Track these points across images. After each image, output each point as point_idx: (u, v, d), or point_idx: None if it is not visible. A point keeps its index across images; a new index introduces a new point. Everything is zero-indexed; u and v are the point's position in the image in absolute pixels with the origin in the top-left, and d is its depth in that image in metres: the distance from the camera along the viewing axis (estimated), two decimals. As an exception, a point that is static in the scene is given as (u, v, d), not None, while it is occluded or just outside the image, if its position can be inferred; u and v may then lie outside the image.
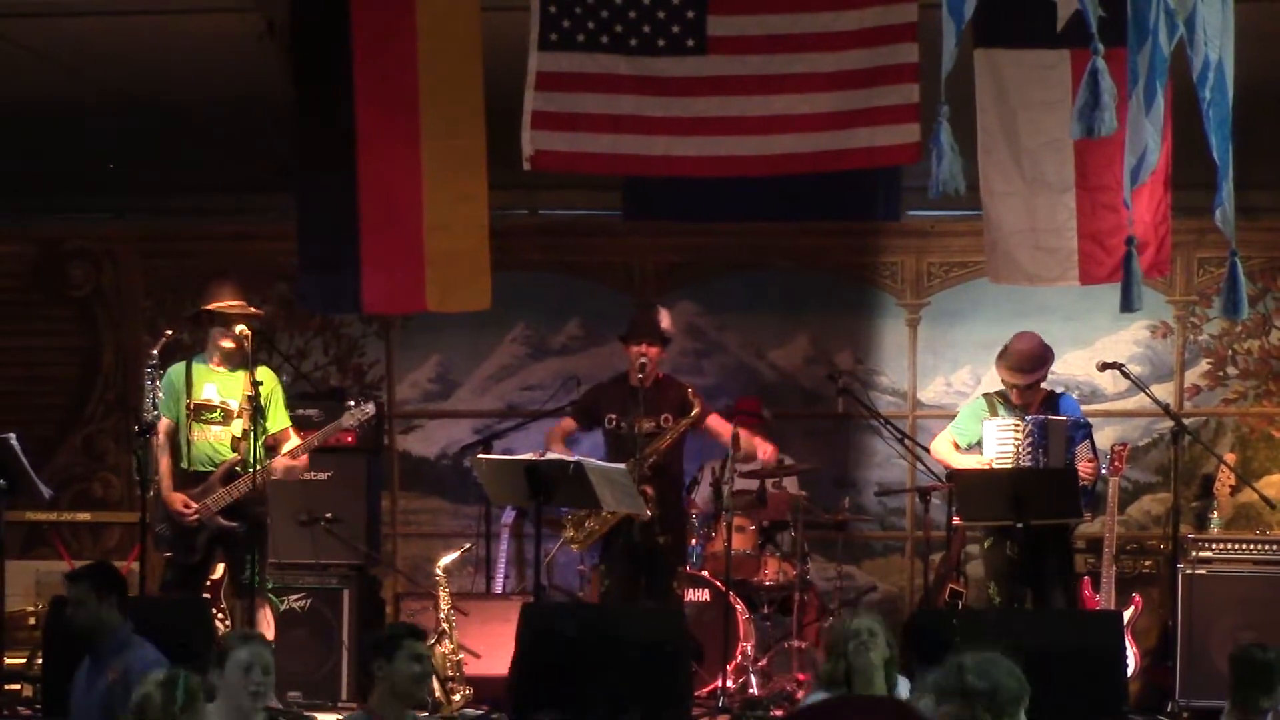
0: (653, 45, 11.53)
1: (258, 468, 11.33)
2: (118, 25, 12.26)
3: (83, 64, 12.73)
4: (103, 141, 13.71)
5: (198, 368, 11.68)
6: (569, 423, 12.58)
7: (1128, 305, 7.92)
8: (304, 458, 11.66)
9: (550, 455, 11.86)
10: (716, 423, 12.38)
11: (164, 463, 11.59)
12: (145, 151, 13.90)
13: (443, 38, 11.79)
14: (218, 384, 11.56)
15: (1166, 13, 6.73)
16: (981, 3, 7.27)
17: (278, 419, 11.69)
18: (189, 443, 11.59)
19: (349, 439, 12.45)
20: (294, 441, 11.59)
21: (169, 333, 12.52)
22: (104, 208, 15.12)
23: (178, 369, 11.77)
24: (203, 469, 11.53)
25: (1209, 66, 7.29)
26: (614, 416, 12.34)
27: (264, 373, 11.83)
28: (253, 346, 11.63)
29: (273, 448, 11.61)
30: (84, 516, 14.32)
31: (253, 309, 11.78)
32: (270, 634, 11.37)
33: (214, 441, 11.56)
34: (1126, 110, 7.26)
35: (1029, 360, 12.10)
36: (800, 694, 11.51)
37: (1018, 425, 12.01)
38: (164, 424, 11.70)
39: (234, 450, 11.48)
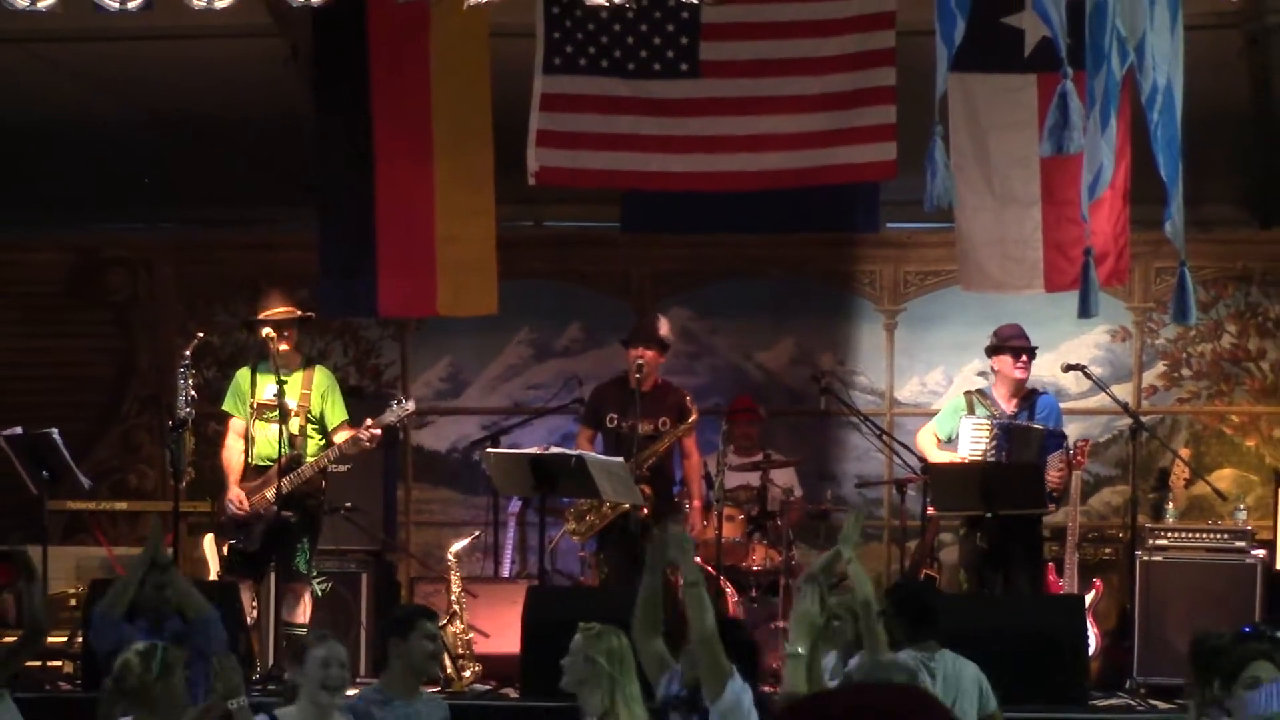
0: (649, 69, 11.57)
1: (311, 459, 11.50)
2: (153, 50, 12.30)
3: (120, 85, 12.76)
4: (139, 157, 13.73)
5: (259, 370, 11.74)
6: (588, 430, 12.60)
7: (1085, 311, 7.97)
8: (370, 437, 11.65)
9: (554, 450, 11.94)
10: (689, 443, 12.45)
11: (238, 463, 11.69)
12: (178, 166, 13.93)
13: (453, 62, 11.82)
14: (277, 385, 11.60)
15: (1118, 40, 6.79)
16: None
17: (335, 413, 11.75)
18: (252, 439, 11.67)
19: (378, 434, 12.48)
20: (348, 433, 11.64)
21: (200, 335, 12.53)
22: (139, 219, 15.14)
23: (243, 373, 11.83)
24: (264, 463, 11.60)
25: (1158, 90, 7.34)
26: (614, 416, 12.37)
27: (322, 372, 11.93)
28: (293, 345, 11.74)
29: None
30: (121, 505, 14.33)
31: (300, 312, 11.85)
32: (305, 618, 11.44)
33: (272, 440, 11.62)
34: (1085, 131, 7.31)
35: (1022, 334, 12.18)
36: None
37: (987, 426, 12.07)
38: (233, 424, 11.79)
39: (291, 447, 11.53)
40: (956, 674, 8.54)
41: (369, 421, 11.56)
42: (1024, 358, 12.24)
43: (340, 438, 11.63)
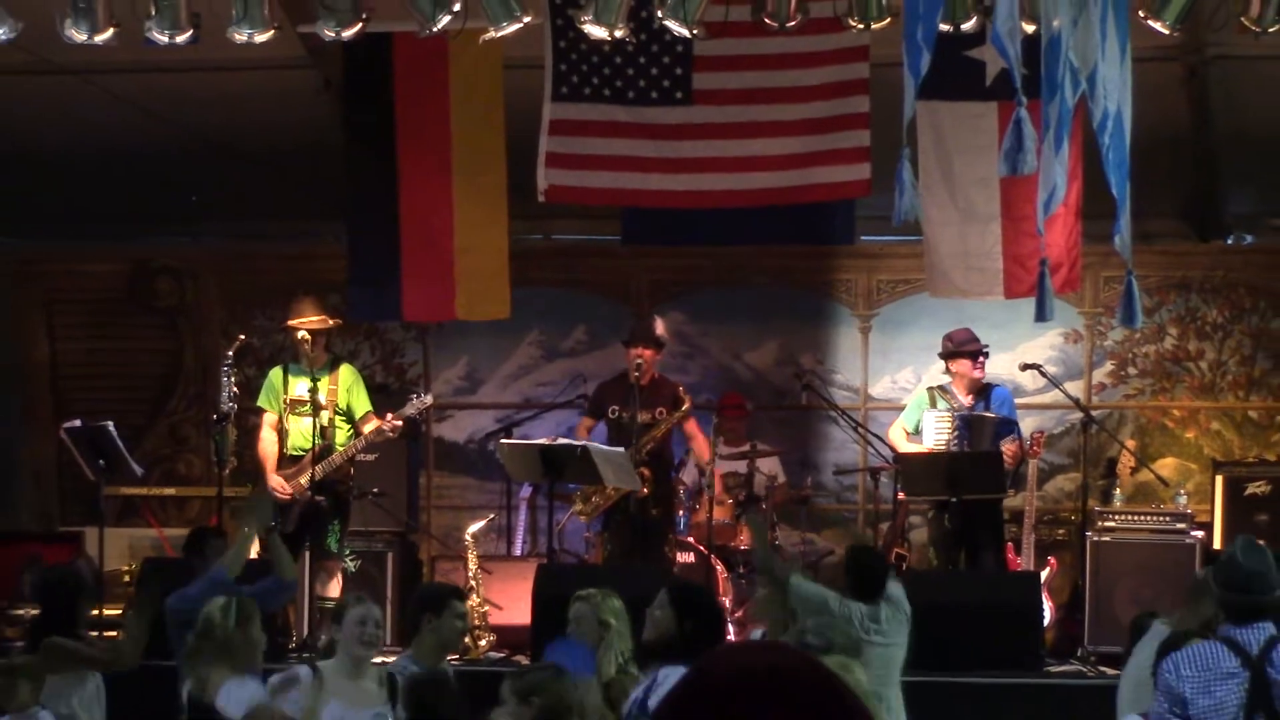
0: (647, 97, 11.56)
1: (340, 448, 11.53)
2: (198, 80, 12.29)
3: (169, 112, 12.75)
4: (186, 177, 13.74)
5: (291, 368, 11.77)
6: (588, 420, 12.64)
7: (1041, 316, 7.97)
8: (393, 428, 11.68)
9: (561, 441, 11.94)
10: (692, 426, 12.47)
11: (273, 452, 11.69)
12: (221, 185, 13.93)
13: (470, 90, 11.82)
14: (307, 383, 11.63)
15: (1071, 71, 6.77)
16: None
17: (361, 406, 11.79)
18: (286, 432, 11.70)
19: (399, 425, 12.48)
20: (374, 424, 11.67)
21: (241, 337, 12.58)
22: (186, 233, 15.15)
23: (276, 372, 11.87)
24: (298, 453, 11.65)
25: (1108, 116, 7.33)
26: (616, 408, 12.41)
27: (348, 369, 11.97)
28: (322, 346, 11.76)
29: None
30: (169, 491, 14.35)
31: (331, 320, 11.89)
32: (337, 592, 11.45)
33: (304, 431, 11.64)
34: (1041, 153, 7.29)
35: (973, 338, 12.20)
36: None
37: (949, 418, 12.08)
38: (267, 418, 11.81)
39: (322, 437, 11.55)
40: (897, 599, 8.52)
41: (390, 415, 11.60)
42: (980, 359, 12.28)
43: (366, 428, 11.67)
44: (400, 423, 11.71)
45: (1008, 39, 6.66)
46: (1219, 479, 12.78)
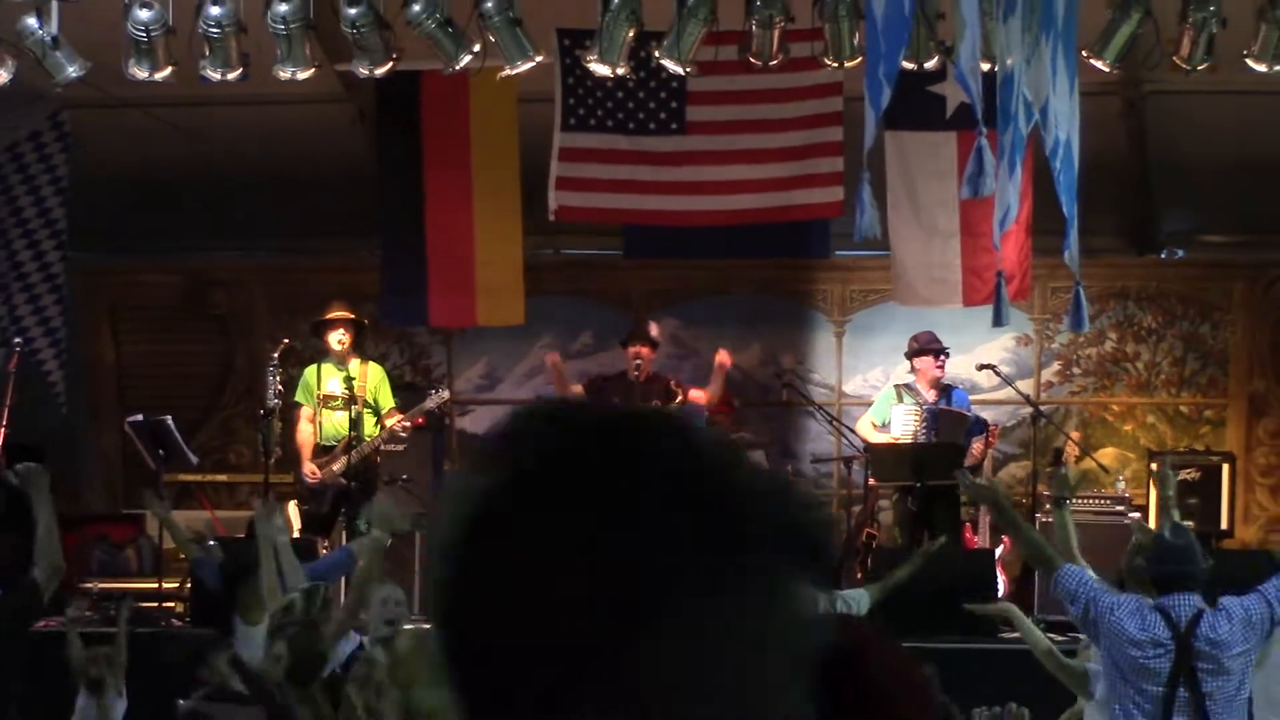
0: (646, 127, 11.56)
1: (368, 438, 11.54)
2: (247, 112, 12.30)
3: (220, 141, 12.75)
4: (235, 198, 13.72)
5: (324, 367, 11.77)
6: None
7: (997, 321, 7.97)
8: (414, 421, 11.78)
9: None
10: (695, 394, 12.42)
11: (309, 441, 11.69)
12: (266, 206, 13.90)
13: (489, 122, 11.83)
14: (339, 379, 11.62)
15: (1025, 104, 6.77)
16: (891, 96, 7.30)
17: (386, 401, 11.78)
18: (319, 424, 11.69)
19: (420, 421, 12.48)
20: (393, 419, 11.66)
21: (285, 341, 12.57)
22: (236, 248, 15.10)
23: (311, 370, 11.86)
24: (330, 443, 11.64)
25: (1059, 144, 7.33)
26: (616, 400, 12.38)
27: (375, 368, 11.96)
28: (352, 344, 11.75)
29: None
30: (221, 478, 14.31)
31: (354, 316, 11.88)
32: None
33: (336, 424, 11.63)
34: (997, 177, 7.29)
35: (935, 339, 12.20)
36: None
37: (917, 411, 12.07)
38: (304, 412, 11.79)
39: (352, 429, 11.54)
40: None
41: (400, 417, 11.67)
42: (940, 359, 12.26)
43: (391, 421, 11.66)
44: (409, 424, 11.75)
45: (970, 76, 6.67)
46: (1153, 466, 12.76)
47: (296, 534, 11.82)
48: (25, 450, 12.33)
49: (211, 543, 9.54)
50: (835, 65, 10.10)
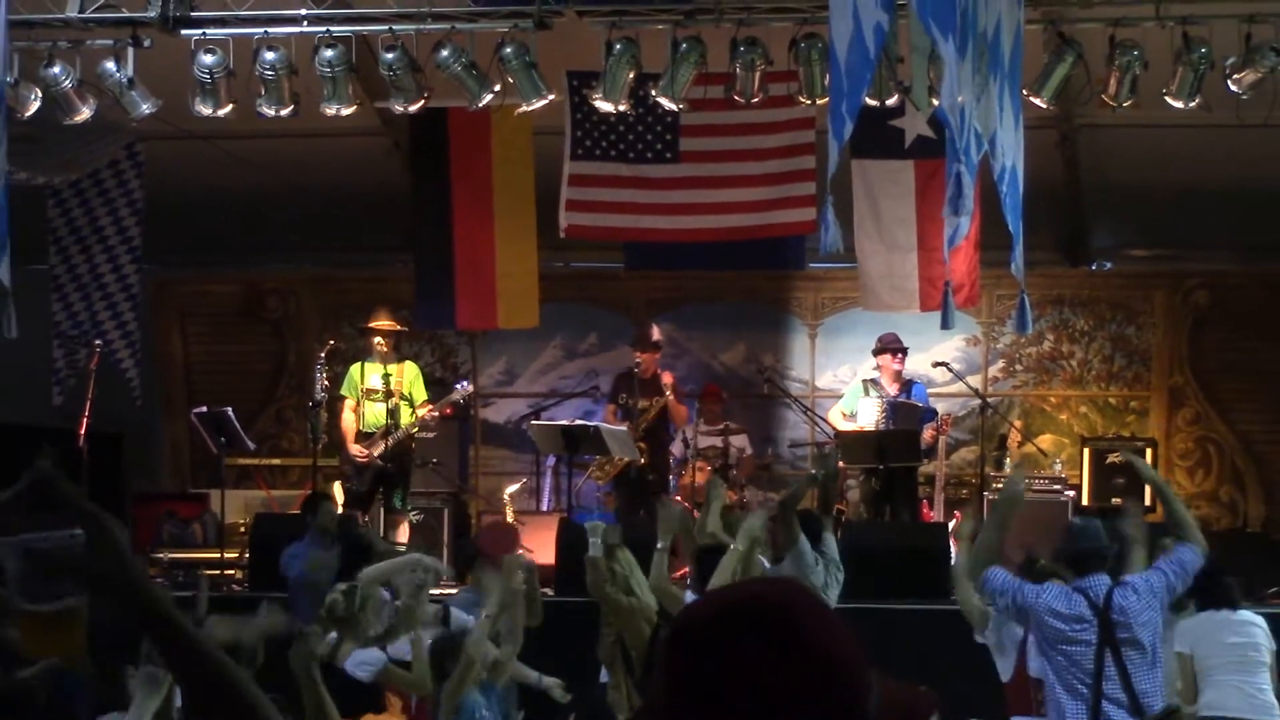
0: (644, 156, 11.54)
1: (404, 427, 11.54)
2: (297, 143, 12.25)
3: (274, 168, 12.71)
4: (287, 218, 13.70)
5: (367, 365, 11.77)
6: (612, 405, 12.57)
7: (945, 324, 7.91)
8: (443, 411, 11.88)
9: (578, 422, 11.93)
10: (673, 406, 12.39)
11: (352, 428, 11.66)
12: (314, 224, 13.89)
13: (508, 151, 11.81)
14: (379, 375, 11.62)
15: (975, 135, 6.71)
16: (856, 128, 7.24)
17: (419, 394, 11.77)
18: (362, 415, 11.68)
19: (449, 411, 12.44)
20: (424, 410, 11.70)
21: (331, 342, 12.58)
22: (287, 261, 15.09)
23: (355, 367, 11.88)
24: (371, 430, 11.62)
25: (1005, 171, 7.27)
26: (624, 395, 12.38)
27: (410, 365, 11.98)
28: (391, 347, 11.75)
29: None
30: (275, 461, 14.29)
31: (399, 325, 11.90)
32: (405, 538, 11.41)
33: (376, 414, 11.62)
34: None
35: (897, 340, 12.20)
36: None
37: (879, 403, 12.05)
38: (348, 403, 11.77)
39: (389, 418, 11.52)
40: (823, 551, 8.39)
41: (430, 408, 11.73)
42: (900, 356, 12.25)
43: (422, 411, 11.64)
44: (437, 414, 11.80)
45: (950, 112, 6.62)
46: (1086, 451, 12.71)
47: (340, 509, 11.81)
48: (106, 438, 12.33)
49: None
50: (808, 102, 10.08)
